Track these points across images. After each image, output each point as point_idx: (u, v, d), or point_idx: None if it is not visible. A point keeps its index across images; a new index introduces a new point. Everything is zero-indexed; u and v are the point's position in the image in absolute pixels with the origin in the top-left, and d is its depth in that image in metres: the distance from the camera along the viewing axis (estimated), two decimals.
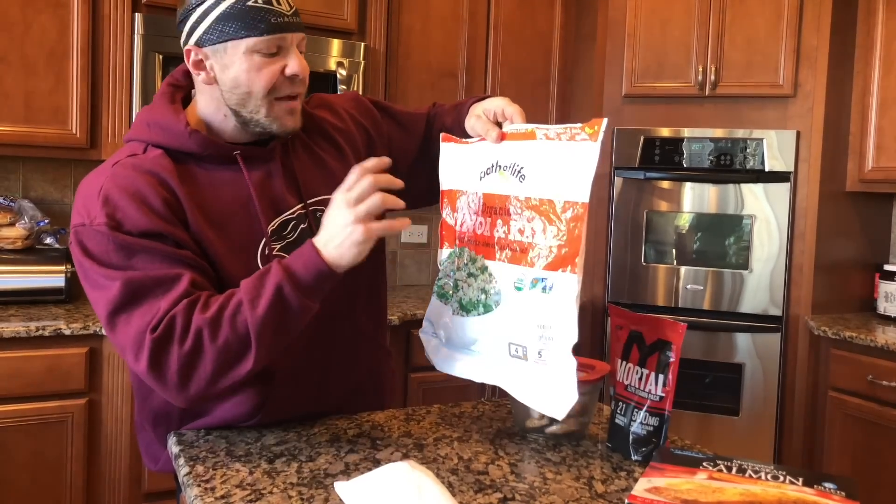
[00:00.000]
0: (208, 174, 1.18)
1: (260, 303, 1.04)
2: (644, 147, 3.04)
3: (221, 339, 1.04)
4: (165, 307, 1.05)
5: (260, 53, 1.13)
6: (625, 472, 1.12)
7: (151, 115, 1.19)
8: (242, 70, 1.13)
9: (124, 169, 1.13)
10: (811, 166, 2.87)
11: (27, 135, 2.33)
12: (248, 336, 1.04)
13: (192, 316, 1.04)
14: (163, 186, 1.12)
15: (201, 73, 1.17)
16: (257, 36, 1.11)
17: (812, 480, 0.96)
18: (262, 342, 1.05)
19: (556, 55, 3.25)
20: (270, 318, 1.05)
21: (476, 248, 1.20)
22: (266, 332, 1.05)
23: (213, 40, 1.13)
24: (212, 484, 1.02)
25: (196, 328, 1.04)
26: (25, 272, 2.38)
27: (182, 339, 1.04)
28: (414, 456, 1.15)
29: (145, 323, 1.05)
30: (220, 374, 1.06)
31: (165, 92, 1.23)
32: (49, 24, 2.33)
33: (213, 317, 1.04)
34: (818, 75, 2.85)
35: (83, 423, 2.19)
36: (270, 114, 1.17)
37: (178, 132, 1.16)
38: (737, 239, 2.96)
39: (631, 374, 1.18)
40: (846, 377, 2.69)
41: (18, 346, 2.10)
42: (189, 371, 1.05)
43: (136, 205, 1.09)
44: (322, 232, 1.07)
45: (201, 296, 1.07)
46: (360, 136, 1.40)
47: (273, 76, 1.14)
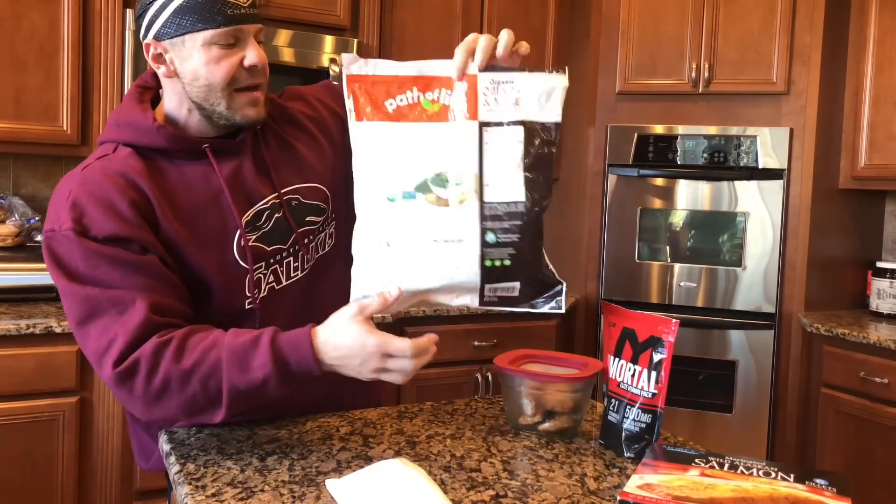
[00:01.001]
0: (178, 170, 1.18)
1: (241, 379, 1.06)
2: (638, 144, 3.04)
3: (189, 392, 1.07)
4: (124, 339, 1.05)
5: (217, 45, 1.13)
6: (617, 469, 1.12)
7: (120, 115, 1.20)
8: (201, 63, 1.14)
9: (93, 173, 1.14)
10: (804, 163, 2.88)
11: (17, 131, 2.31)
12: (219, 398, 1.08)
13: (160, 360, 1.05)
14: (131, 188, 1.12)
15: (161, 67, 1.17)
16: (214, 28, 1.12)
17: (804, 477, 0.96)
18: (235, 408, 1.09)
19: (550, 52, 3.25)
20: (249, 395, 1.08)
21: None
22: (238, 404, 1.09)
23: (170, 34, 1.13)
24: (203, 482, 1.01)
25: (165, 374, 1.05)
26: (16, 270, 2.36)
27: (149, 378, 1.06)
28: (406, 453, 1.15)
29: (101, 346, 1.07)
30: (186, 416, 1.11)
31: (133, 93, 1.23)
32: (39, 20, 2.31)
33: (186, 371, 1.06)
34: (811, 73, 2.85)
35: (74, 421, 2.18)
36: (232, 105, 1.17)
37: (145, 128, 1.16)
38: (730, 236, 2.97)
39: (623, 371, 1.18)
40: (839, 374, 2.70)
41: (9, 344, 2.09)
42: (153, 404, 1.09)
43: (103, 210, 1.09)
44: (339, 355, 1.07)
45: (174, 337, 1.07)
46: (332, 121, 1.39)
47: (231, 68, 1.14)
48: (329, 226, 1.33)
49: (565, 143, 3.32)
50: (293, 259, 1.25)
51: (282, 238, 1.24)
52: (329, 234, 1.33)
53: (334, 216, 1.34)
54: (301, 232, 1.26)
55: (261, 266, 1.21)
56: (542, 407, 1.23)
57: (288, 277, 1.25)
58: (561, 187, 3.34)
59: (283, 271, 1.24)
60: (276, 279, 1.23)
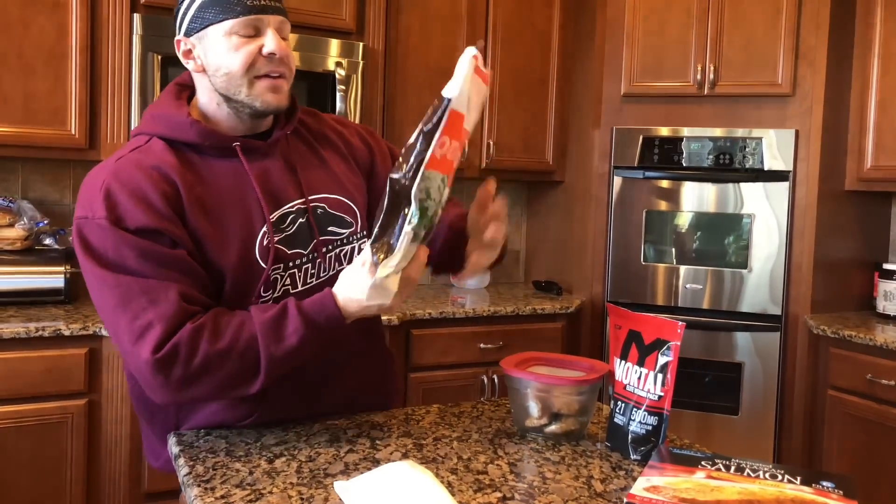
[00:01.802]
0: (209, 165, 1.20)
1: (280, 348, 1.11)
2: (643, 146, 3.04)
3: (228, 369, 1.10)
4: (161, 327, 1.07)
5: (237, 35, 1.16)
6: (624, 472, 1.12)
7: (156, 109, 1.24)
8: (222, 52, 1.17)
9: (127, 164, 1.16)
10: (810, 165, 2.88)
11: (26, 135, 2.33)
12: (258, 368, 1.11)
13: (199, 343, 1.08)
14: (164, 180, 1.14)
15: (190, 62, 1.21)
16: (234, 18, 1.15)
17: (810, 479, 0.96)
18: (273, 374, 1.12)
19: (555, 55, 3.25)
20: (286, 360, 1.12)
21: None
22: (278, 369, 1.13)
23: (196, 28, 1.18)
24: (212, 484, 1.02)
25: (205, 355, 1.08)
26: (25, 273, 2.38)
27: (188, 362, 1.08)
28: (413, 456, 1.15)
29: (135, 333, 1.08)
30: (220, 393, 1.15)
31: (171, 89, 1.28)
32: (48, 25, 2.33)
33: (224, 350, 1.09)
34: (817, 74, 2.85)
35: (83, 423, 2.19)
36: (251, 92, 1.19)
37: (179, 123, 1.19)
38: (736, 238, 2.96)
39: (630, 373, 1.19)
40: (845, 376, 2.69)
41: (18, 346, 2.10)
42: (191, 385, 1.10)
43: (136, 201, 1.11)
44: (356, 302, 1.12)
45: (206, 321, 1.10)
46: (364, 154, 1.42)
47: (250, 55, 1.17)
48: (359, 241, 1.33)
49: (570, 145, 3.32)
50: (311, 266, 1.26)
51: (303, 243, 1.25)
52: (358, 249, 1.33)
53: (364, 234, 1.35)
54: (322, 240, 1.27)
55: (279, 268, 1.21)
56: (549, 409, 1.24)
57: (304, 283, 1.25)
58: (566, 189, 3.34)
59: (299, 276, 1.24)
60: (292, 283, 1.23)
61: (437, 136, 1.04)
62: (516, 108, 3.18)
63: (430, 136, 1.04)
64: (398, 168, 1.06)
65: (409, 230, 1.05)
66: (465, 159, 3.08)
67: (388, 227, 1.07)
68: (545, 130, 3.27)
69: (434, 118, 1.05)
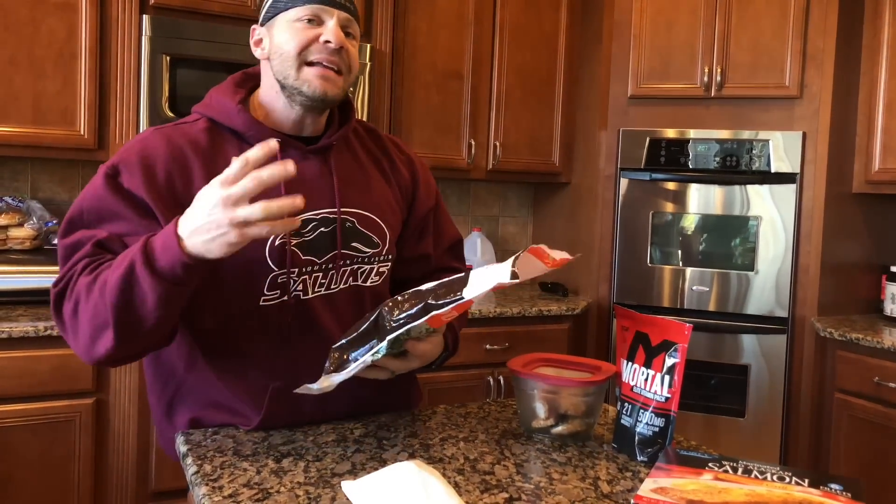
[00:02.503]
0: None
1: (113, 275, 1.02)
2: (650, 148, 3.04)
3: (91, 302, 1.06)
4: (70, 264, 1.12)
5: (300, 21, 1.20)
6: (630, 473, 1.12)
7: (215, 92, 1.27)
8: (284, 37, 1.20)
9: (159, 134, 1.21)
10: (817, 167, 2.87)
11: (35, 136, 2.34)
12: (107, 309, 1.03)
13: (80, 276, 1.10)
14: (178, 161, 1.18)
15: (258, 50, 1.25)
16: (301, 5, 1.19)
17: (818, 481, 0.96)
18: (118, 320, 1.03)
19: (562, 56, 3.25)
20: (122, 293, 1.01)
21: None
22: (120, 310, 1.02)
23: (269, 16, 1.23)
24: (220, 483, 1.03)
25: (77, 290, 1.09)
26: (34, 272, 2.39)
27: (68, 298, 1.11)
28: (420, 456, 1.16)
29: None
30: (93, 338, 1.07)
31: (236, 75, 1.32)
32: (57, 26, 2.34)
33: (91, 280, 1.08)
34: (824, 76, 2.85)
35: (91, 422, 2.21)
36: (300, 76, 1.20)
37: (228, 109, 1.23)
38: (743, 240, 2.96)
39: (636, 375, 1.19)
40: (852, 379, 2.68)
41: (27, 345, 2.12)
42: (74, 328, 1.11)
43: (141, 168, 1.15)
44: (189, 217, 0.99)
45: (102, 258, 1.11)
46: (408, 186, 1.41)
47: (307, 39, 1.20)
48: (380, 264, 1.33)
49: (577, 147, 3.32)
50: (321, 275, 1.25)
51: (318, 252, 1.24)
52: (378, 271, 1.32)
53: (389, 258, 1.34)
54: (342, 253, 1.26)
55: (293, 272, 1.21)
56: (555, 410, 1.24)
57: (313, 291, 1.24)
58: (573, 191, 3.34)
59: (310, 283, 1.24)
60: (304, 289, 1.23)
61: (438, 313, 1.04)
62: (523, 110, 3.19)
63: (430, 309, 1.04)
64: (393, 308, 1.08)
65: (368, 360, 1.08)
66: (472, 162, 3.09)
67: (352, 346, 1.09)
68: (552, 132, 3.27)
69: (442, 300, 1.04)
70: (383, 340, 1.07)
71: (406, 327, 1.05)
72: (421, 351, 1.16)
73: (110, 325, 1.04)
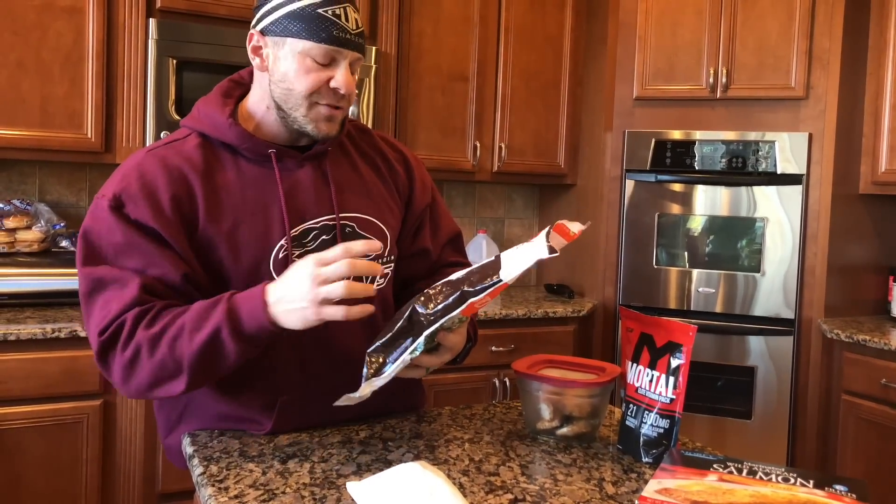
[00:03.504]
0: (240, 168, 1.21)
1: (196, 337, 1.07)
2: (655, 150, 3.04)
3: (158, 357, 1.09)
4: (116, 310, 1.10)
5: (312, 59, 1.17)
6: (635, 474, 1.12)
7: (203, 105, 1.25)
8: (293, 68, 1.17)
9: (154, 158, 1.19)
10: (824, 168, 2.86)
11: (43, 139, 2.36)
12: (182, 363, 1.08)
13: (137, 328, 1.09)
14: (181, 183, 1.16)
15: (256, 59, 1.22)
16: (316, 42, 1.16)
17: (823, 483, 0.96)
18: (195, 371, 1.09)
19: (567, 58, 3.25)
20: (203, 354, 1.07)
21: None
22: (199, 364, 1.08)
23: (276, 32, 1.18)
24: (225, 484, 1.03)
25: (137, 342, 1.09)
26: (41, 275, 2.40)
27: (124, 348, 1.09)
28: (425, 457, 1.16)
29: (97, 321, 1.11)
30: (155, 385, 1.11)
31: (222, 85, 1.29)
32: (65, 30, 2.36)
33: (155, 335, 1.08)
34: (830, 77, 2.84)
35: (98, 424, 2.22)
36: (308, 115, 1.20)
37: (219, 123, 1.21)
38: (749, 242, 2.95)
39: (641, 376, 1.19)
40: (859, 380, 2.67)
41: (34, 347, 2.13)
42: (128, 374, 1.11)
43: (145, 195, 1.14)
44: (279, 286, 1.06)
45: (154, 307, 1.11)
46: (403, 182, 1.41)
47: (318, 83, 1.18)
48: (384, 265, 1.33)
49: (582, 149, 3.32)
50: None
51: None
52: (382, 274, 1.32)
53: (392, 258, 1.35)
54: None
55: None
56: (560, 412, 1.24)
57: None
58: (578, 193, 3.34)
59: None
60: None
61: (475, 300, 1.04)
62: (528, 112, 3.19)
63: (465, 298, 1.04)
64: (426, 301, 1.06)
65: (406, 359, 1.07)
66: (477, 163, 3.09)
67: (389, 347, 1.08)
68: (557, 134, 3.27)
69: (478, 285, 1.04)
70: (420, 336, 1.06)
71: (445, 318, 1.05)
72: (452, 342, 1.16)
73: (182, 379, 1.09)
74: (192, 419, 1.27)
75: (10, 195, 2.64)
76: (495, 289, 1.03)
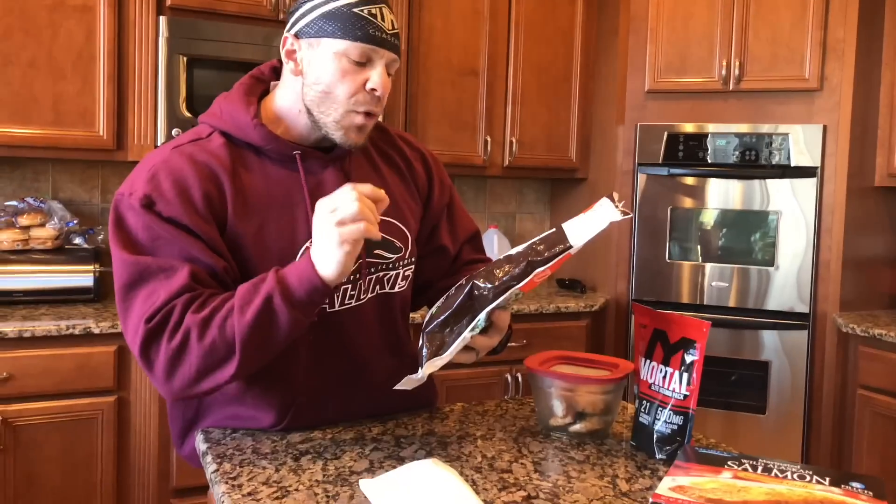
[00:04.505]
0: (265, 168, 1.20)
1: (248, 310, 1.04)
2: (668, 143, 3.02)
3: (208, 340, 1.05)
4: (164, 298, 1.07)
5: (348, 58, 1.15)
6: (649, 471, 1.12)
7: (226, 103, 1.23)
8: (328, 70, 1.15)
9: (180, 155, 1.17)
10: (838, 161, 2.83)
11: (56, 137, 2.37)
12: (233, 341, 1.05)
13: (186, 313, 1.06)
14: (211, 180, 1.15)
15: (290, 63, 1.20)
16: (352, 41, 1.14)
17: (839, 480, 0.95)
18: (246, 349, 1.05)
19: (578, 51, 3.23)
20: (257, 326, 1.04)
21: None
22: (251, 340, 1.05)
23: (310, 34, 1.16)
24: (239, 481, 1.03)
25: (186, 326, 1.06)
26: (55, 272, 2.42)
27: (172, 335, 1.06)
28: (438, 454, 1.16)
29: (142, 311, 1.08)
30: (203, 374, 1.07)
31: (244, 82, 1.27)
32: (76, 29, 2.37)
33: (205, 317, 1.05)
34: (845, 68, 2.81)
35: (112, 420, 2.23)
36: (341, 121, 1.17)
37: (243, 123, 1.19)
38: (763, 235, 2.93)
39: (655, 372, 1.18)
40: (875, 375, 2.65)
41: (49, 344, 2.14)
42: (174, 365, 1.07)
43: (177, 192, 1.12)
44: (313, 248, 1.06)
45: (202, 294, 1.09)
46: (423, 181, 1.40)
47: (357, 86, 1.15)
48: (405, 268, 1.32)
49: (594, 142, 3.30)
50: (350, 286, 1.24)
51: None
52: (403, 275, 1.32)
53: (412, 260, 1.34)
54: (367, 261, 1.25)
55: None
56: (573, 408, 1.24)
57: (342, 303, 1.24)
58: (590, 186, 3.33)
59: (338, 295, 1.22)
60: (329, 302, 1.22)
61: (541, 270, 1.03)
62: (539, 106, 3.17)
63: (533, 267, 1.03)
64: (487, 276, 1.04)
65: (467, 336, 1.05)
66: (488, 158, 3.08)
67: (448, 325, 1.06)
68: (568, 127, 3.25)
69: (546, 253, 1.03)
70: (482, 311, 1.04)
71: (509, 291, 1.03)
72: (504, 321, 1.15)
73: (233, 362, 1.05)
74: (206, 421, 1.27)
75: (23, 193, 2.65)
76: (560, 259, 1.03)
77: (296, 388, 1.23)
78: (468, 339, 1.06)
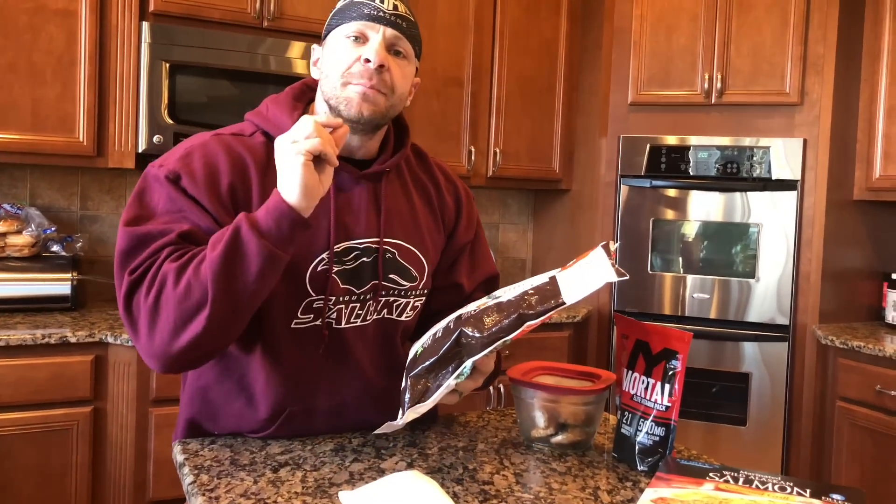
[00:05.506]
0: None
1: (218, 245, 1.03)
2: (650, 155, 3.04)
3: (183, 284, 1.03)
4: (150, 250, 1.08)
5: (347, 38, 1.17)
6: (630, 483, 1.11)
7: (273, 104, 1.25)
8: (331, 56, 1.19)
9: (219, 142, 1.18)
10: (818, 174, 2.86)
11: (34, 143, 2.34)
12: (206, 281, 1.02)
13: (165, 262, 1.06)
14: (241, 174, 1.16)
15: (315, 70, 1.24)
16: (348, 22, 1.17)
17: (820, 492, 0.95)
18: (218, 285, 1.02)
19: (562, 63, 3.25)
20: (227, 259, 1.02)
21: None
22: (222, 275, 1.02)
23: (325, 35, 1.22)
24: (216, 493, 1.02)
25: (163, 273, 1.05)
26: (32, 279, 2.39)
27: (150, 284, 1.06)
28: (419, 465, 1.15)
29: (131, 267, 1.08)
30: (179, 325, 1.04)
31: (295, 87, 1.29)
32: (57, 33, 2.34)
33: (182, 264, 1.05)
34: (825, 83, 2.84)
35: (88, 431, 2.19)
36: (342, 94, 1.17)
37: (285, 127, 1.18)
38: (743, 247, 2.95)
39: (637, 383, 1.18)
40: (854, 387, 2.67)
41: (24, 353, 2.11)
42: (153, 318, 1.05)
43: (205, 174, 1.13)
44: (278, 176, 1.06)
45: (189, 249, 1.08)
46: (451, 216, 1.39)
47: (350, 58, 1.16)
48: (416, 298, 1.31)
49: (577, 154, 3.32)
50: (359, 306, 1.23)
51: (358, 282, 1.22)
52: (413, 305, 1.30)
53: (425, 291, 1.32)
54: (381, 284, 1.24)
55: (329, 300, 1.19)
56: (555, 419, 1.23)
57: (348, 321, 1.23)
58: (573, 198, 3.34)
59: (345, 312, 1.22)
60: (337, 318, 1.21)
61: (533, 323, 1.01)
62: (523, 117, 3.18)
63: (523, 321, 1.01)
64: (476, 325, 1.02)
65: (452, 383, 1.04)
66: (472, 168, 3.08)
67: (433, 371, 1.05)
68: (552, 138, 3.27)
69: (538, 308, 1.01)
70: (469, 359, 1.02)
71: (499, 341, 1.01)
72: (488, 366, 1.14)
73: (206, 305, 1.02)
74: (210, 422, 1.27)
75: (0, 199, 2.62)
76: (552, 313, 1.01)
77: (291, 395, 1.22)
78: (452, 385, 1.05)
